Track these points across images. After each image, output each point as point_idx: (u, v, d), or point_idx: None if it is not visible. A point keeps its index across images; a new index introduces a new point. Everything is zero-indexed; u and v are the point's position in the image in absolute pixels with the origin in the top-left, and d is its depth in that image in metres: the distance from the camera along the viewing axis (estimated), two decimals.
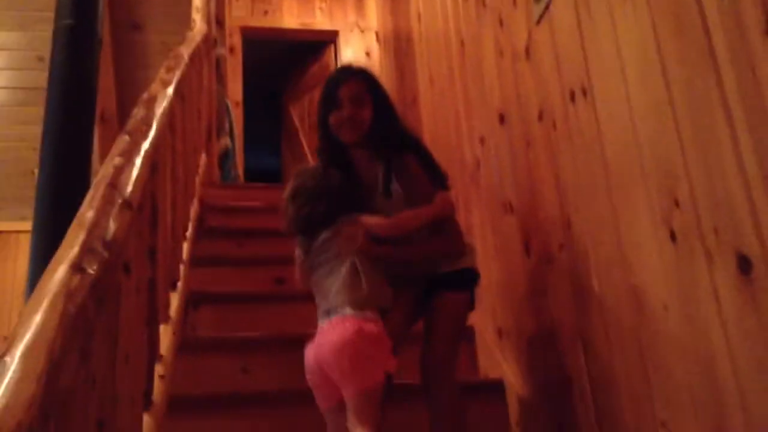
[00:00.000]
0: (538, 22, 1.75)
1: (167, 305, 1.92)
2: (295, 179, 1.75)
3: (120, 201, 1.21)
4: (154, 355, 1.66)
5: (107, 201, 1.18)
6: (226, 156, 4.11)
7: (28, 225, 5.14)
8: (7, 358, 0.77)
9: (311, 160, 5.47)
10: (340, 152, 1.80)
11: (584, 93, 1.50)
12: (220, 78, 4.16)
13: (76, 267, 0.96)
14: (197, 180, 2.99)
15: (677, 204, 1.15)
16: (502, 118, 2.07)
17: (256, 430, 1.94)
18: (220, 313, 2.46)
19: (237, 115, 5.09)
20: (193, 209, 2.77)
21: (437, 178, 1.75)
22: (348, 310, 1.54)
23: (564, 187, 1.64)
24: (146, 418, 1.52)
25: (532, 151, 1.84)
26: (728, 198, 1.03)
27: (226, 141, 4.15)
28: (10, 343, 0.79)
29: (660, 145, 1.20)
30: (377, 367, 1.52)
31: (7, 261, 5.17)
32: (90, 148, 2.56)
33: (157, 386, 1.65)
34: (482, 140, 2.27)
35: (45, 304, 0.86)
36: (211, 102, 3.57)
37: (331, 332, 1.52)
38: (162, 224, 1.81)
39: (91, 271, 0.98)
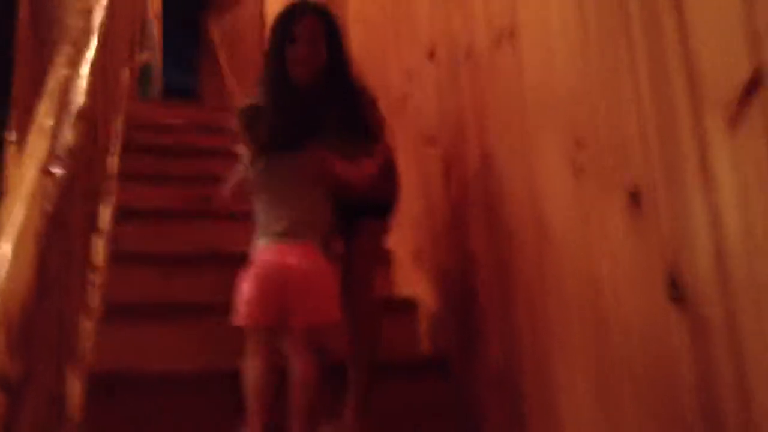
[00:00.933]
0: None
1: (100, 217, 1.98)
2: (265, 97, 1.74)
3: (75, 110, 1.26)
4: (90, 264, 1.73)
5: (63, 110, 1.24)
6: (146, 71, 4.04)
7: None
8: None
9: (230, 79, 5.41)
10: (285, 87, 1.75)
11: (511, 35, 1.64)
12: None
13: (45, 170, 1.04)
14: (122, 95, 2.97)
15: (582, 143, 1.33)
16: (431, 55, 2.19)
17: (178, 336, 2.04)
18: (146, 227, 2.51)
19: (155, 30, 4.96)
20: (120, 124, 2.77)
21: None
22: (310, 240, 1.62)
23: (485, 123, 1.80)
24: (86, 324, 1.61)
25: (457, 87, 1.98)
26: (625, 140, 1.21)
27: (145, 55, 4.07)
28: None
29: (571, 90, 1.37)
30: (334, 308, 1.62)
31: None
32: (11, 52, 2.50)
33: (94, 293, 1.73)
34: (410, 74, 2.39)
35: (24, 203, 0.94)
36: (134, 15, 3.49)
37: (300, 257, 1.59)
38: (98, 137, 1.85)
39: (58, 174, 1.05)
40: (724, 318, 0.99)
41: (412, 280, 2.33)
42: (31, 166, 1.04)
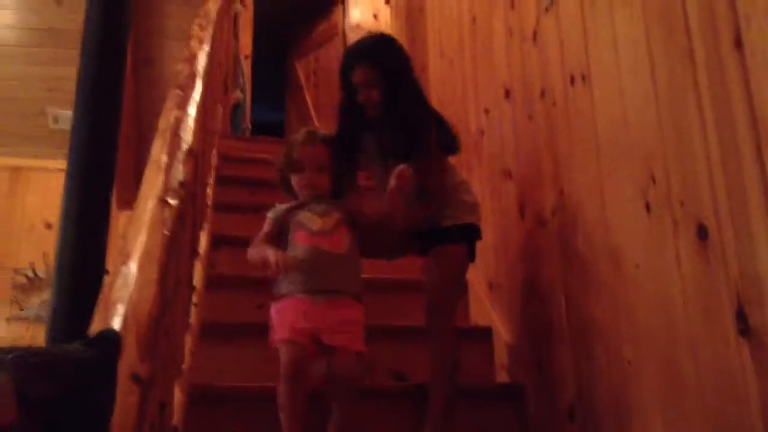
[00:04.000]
0: (547, 9, 1.96)
1: (199, 243, 2.15)
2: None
3: (185, 148, 1.42)
4: (191, 285, 1.89)
5: (175, 147, 1.40)
6: (237, 108, 4.29)
7: (39, 162, 5.29)
8: (125, 269, 0.99)
9: (315, 117, 5.65)
10: (359, 117, 1.96)
11: (583, 78, 1.72)
12: (235, 32, 4.32)
13: (163, 201, 1.18)
14: (216, 131, 3.19)
15: (653, 180, 1.39)
16: (507, 93, 2.28)
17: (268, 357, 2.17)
18: (237, 254, 2.68)
19: (246, 69, 5.25)
20: (213, 158, 2.98)
21: (450, 145, 1.96)
22: (350, 296, 1.70)
23: (559, 159, 1.87)
24: (187, 340, 1.76)
25: (533, 124, 2.06)
26: (694, 176, 1.26)
27: (237, 94, 4.32)
28: (126, 257, 1.01)
29: (643, 129, 1.43)
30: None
31: (16, 196, 5.36)
32: (122, 92, 2.74)
33: (193, 312, 1.89)
34: (487, 111, 2.49)
35: (146, 228, 1.08)
36: (228, 56, 3.74)
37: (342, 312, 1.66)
38: (199, 170, 2.03)
39: (174, 204, 1.20)
40: None
41: (487, 310, 2.39)
42: (149, 197, 1.19)
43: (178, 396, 1.54)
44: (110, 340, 0.71)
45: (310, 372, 1.61)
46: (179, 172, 1.33)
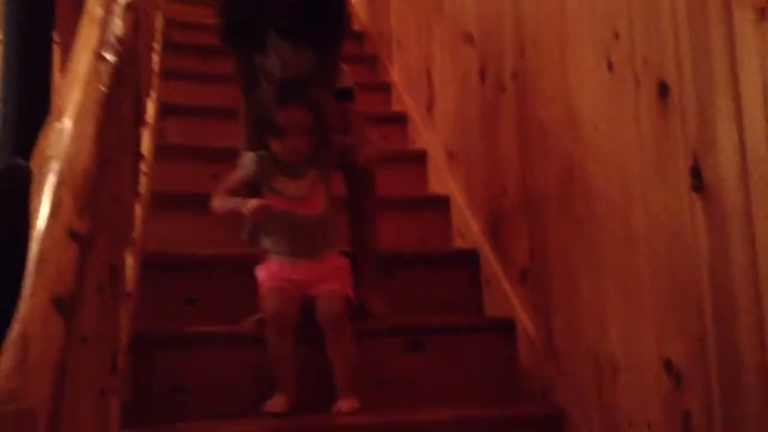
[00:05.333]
0: None
1: (145, 110, 2.06)
2: None
3: (123, 2, 1.32)
4: (138, 153, 1.82)
5: (112, 1, 1.29)
6: None
7: None
8: (59, 124, 0.93)
9: None
10: None
11: None
12: None
13: (98, 55, 1.10)
14: None
15: (617, 36, 1.34)
16: None
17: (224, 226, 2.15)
18: (188, 123, 2.60)
19: None
20: (158, 22, 2.81)
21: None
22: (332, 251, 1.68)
23: (521, 20, 1.80)
24: (136, 208, 1.71)
25: None
26: (658, 32, 1.22)
27: None
28: (60, 112, 0.95)
29: None
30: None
31: None
32: None
33: (143, 181, 1.83)
34: None
35: (81, 83, 1.01)
36: None
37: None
38: (141, 31, 1.90)
39: (111, 60, 1.12)
40: (742, 208, 1.03)
41: (445, 180, 2.38)
42: (85, 51, 1.10)
43: (130, 262, 1.51)
44: (19, 171, 0.66)
45: (296, 317, 1.58)
46: (117, 27, 1.24)
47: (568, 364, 1.56)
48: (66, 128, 0.90)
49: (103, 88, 1.03)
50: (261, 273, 1.65)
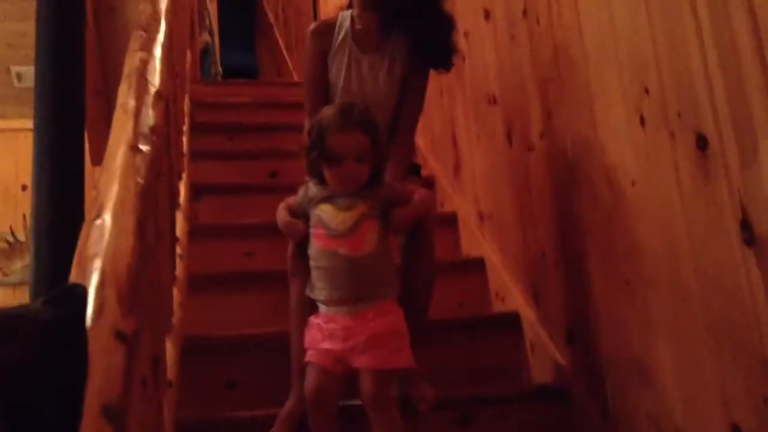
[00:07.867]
0: None
1: (178, 193, 2.08)
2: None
3: (153, 91, 1.34)
4: (174, 237, 1.83)
5: (143, 91, 1.31)
6: (206, 53, 4.15)
7: (6, 123, 5.13)
8: (99, 221, 0.93)
9: (287, 57, 5.48)
10: None
11: None
12: None
13: (134, 147, 1.11)
14: (186, 76, 3.07)
15: (647, 91, 1.33)
16: (487, 14, 2.19)
17: (261, 305, 2.13)
18: (219, 203, 2.62)
19: (212, 11, 5.06)
20: (186, 105, 2.87)
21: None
22: (381, 301, 1.52)
23: (545, 80, 1.80)
24: (174, 292, 1.71)
25: (516, 45, 1.98)
26: (691, 84, 1.20)
27: (205, 37, 4.17)
28: (99, 209, 0.95)
29: (634, 39, 1.36)
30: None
31: None
32: (83, 43, 2.60)
33: (179, 264, 1.83)
34: (467, 35, 2.39)
35: (118, 177, 1.01)
36: None
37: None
38: (171, 116, 1.93)
39: (146, 151, 1.13)
40: None
41: (478, 241, 2.36)
42: (119, 144, 1.11)
43: (170, 350, 1.49)
44: (76, 296, 0.65)
45: (336, 396, 1.48)
46: (149, 117, 1.25)
47: (627, 431, 1.49)
48: (106, 224, 0.90)
49: (140, 180, 1.03)
50: (308, 333, 1.54)
